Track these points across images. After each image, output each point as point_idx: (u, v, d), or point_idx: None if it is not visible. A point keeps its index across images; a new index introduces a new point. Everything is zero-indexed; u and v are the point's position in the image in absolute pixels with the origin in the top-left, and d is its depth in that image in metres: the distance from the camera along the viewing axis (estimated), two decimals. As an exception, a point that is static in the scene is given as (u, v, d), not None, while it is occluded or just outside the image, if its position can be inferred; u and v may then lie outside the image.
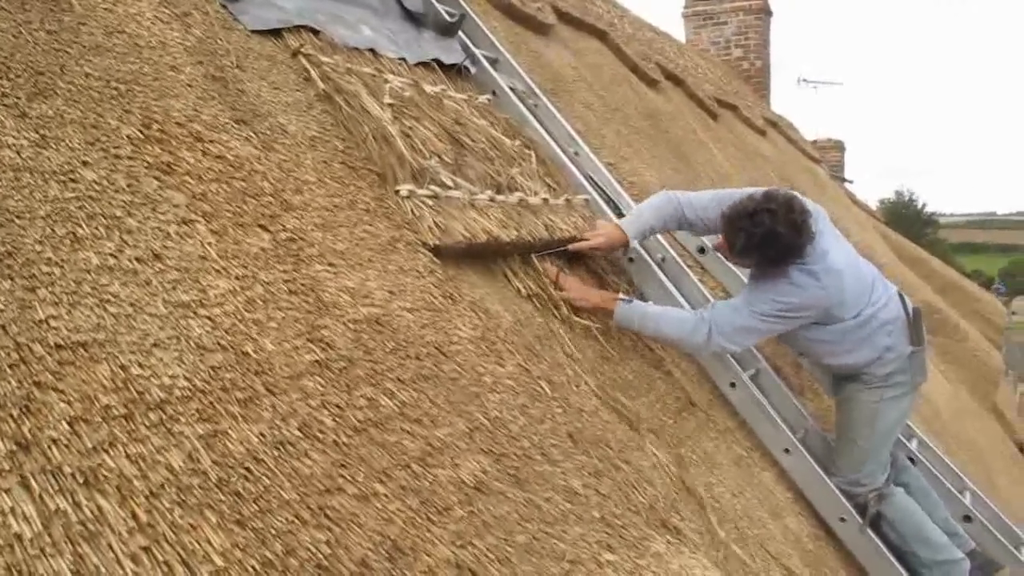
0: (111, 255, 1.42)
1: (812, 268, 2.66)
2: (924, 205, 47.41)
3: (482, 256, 2.37)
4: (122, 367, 1.25)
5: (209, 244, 1.61)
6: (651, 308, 2.77)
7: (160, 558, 1.05)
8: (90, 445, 1.12)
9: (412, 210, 2.19)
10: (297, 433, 1.39)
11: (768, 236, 2.55)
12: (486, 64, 3.27)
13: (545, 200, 2.74)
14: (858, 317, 2.81)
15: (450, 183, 2.37)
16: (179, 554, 1.07)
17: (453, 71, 3.12)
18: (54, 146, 1.52)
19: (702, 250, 3.53)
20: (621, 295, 2.75)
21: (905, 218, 38.52)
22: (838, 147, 14.80)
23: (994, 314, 11.23)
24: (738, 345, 2.78)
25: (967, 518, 3.34)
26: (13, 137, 1.47)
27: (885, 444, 3.01)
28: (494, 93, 3.20)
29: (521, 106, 3.22)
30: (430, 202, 2.25)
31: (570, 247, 2.73)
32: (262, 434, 1.33)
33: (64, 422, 1.12)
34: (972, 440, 6.49)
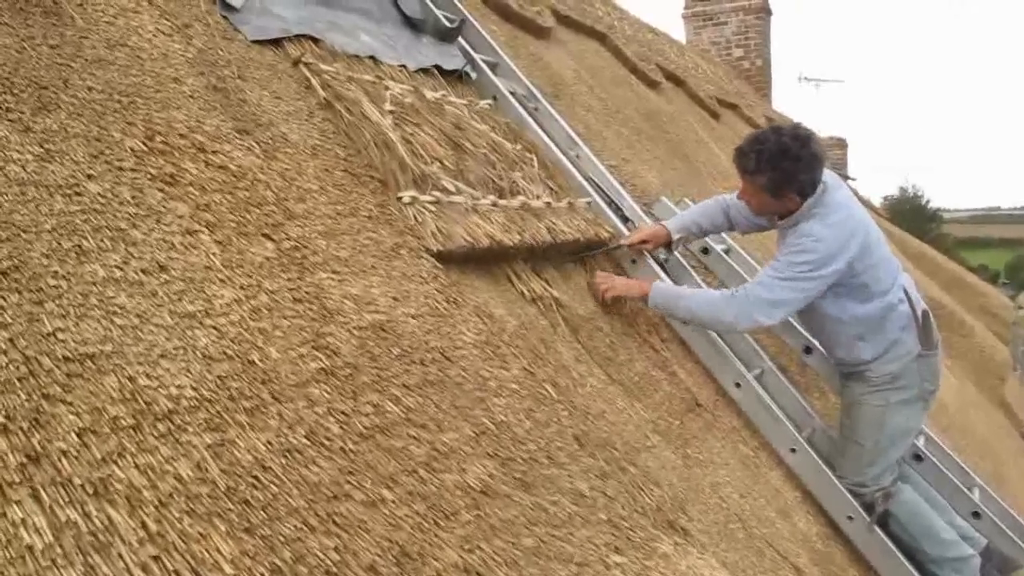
0: (117, 267, 1.43)
1: (829, 221, 2.73)
2: (928, 201, 47.15)
3: (485, 260, 2.38)
4: (130, 378, 1.26)
5: (213, 254, 1.61)
6: (683, 289, 2.92)
7: (170, 567, 1.06)
8: (99, 456, 1.13)
9: (415, 216, 2.20)
10: (304, 440, 1.39)
11: (777, 148, 2.69)
12: (486, 69, 3.28)
13: (548, 203, 2.75)
14: (884, 298, 2.83)
15: (452, 188, 2.38)
16: (189, 563, 1.08)
17: (453, 76, 3.13)
18: (58, 160, 1.53)
19: (705, 251, 3.54)
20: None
21: (909, 214, 38.30)
22: (841, 145, 14.81)
23: (1000, 308, 11.20)
24: (775, 319, 2.79)
25: (976, 514, 3.33)
26: (18, 151, 1.48)
27: (892, 448, 2.98)
28: (494, 98, 3.21)
29: (521, 110, 3.22)
30: (432, 208, 2.26)
31: (621, 242, 2.95)
32: (269, 442, 1.34)
33: (73, 434, 1.13)
34: (980, 435, 6.47)
